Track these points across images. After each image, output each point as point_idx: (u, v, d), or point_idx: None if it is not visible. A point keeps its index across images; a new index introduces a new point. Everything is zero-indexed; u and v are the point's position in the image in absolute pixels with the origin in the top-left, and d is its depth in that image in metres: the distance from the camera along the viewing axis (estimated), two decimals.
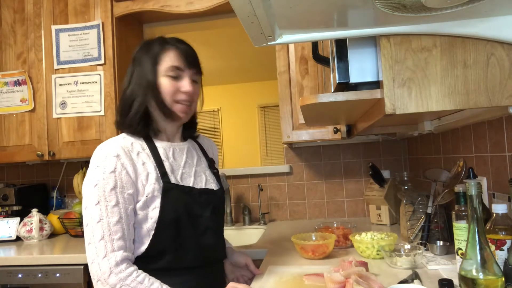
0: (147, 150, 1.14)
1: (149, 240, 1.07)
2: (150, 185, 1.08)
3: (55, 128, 2.20)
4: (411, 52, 0.87)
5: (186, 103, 1.17)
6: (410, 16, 0.80)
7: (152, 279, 1.03)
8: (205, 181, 1.23)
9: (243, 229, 2.28)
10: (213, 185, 1.24)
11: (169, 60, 1.15)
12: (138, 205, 1.08)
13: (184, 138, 1.29)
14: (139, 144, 1.14)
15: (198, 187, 1.19)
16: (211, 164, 1.31)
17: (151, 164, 1.11)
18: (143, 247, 1.08)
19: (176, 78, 1.16)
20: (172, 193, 1.10)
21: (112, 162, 1.05)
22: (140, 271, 1.03)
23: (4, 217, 2.19)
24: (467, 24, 0.83)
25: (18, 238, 2.12)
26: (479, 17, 0.82)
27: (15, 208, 2.30)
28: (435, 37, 0.87)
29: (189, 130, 1.30)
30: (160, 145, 1.18)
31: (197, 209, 1.15)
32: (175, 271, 1.10)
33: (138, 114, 1.15)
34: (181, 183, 1.15)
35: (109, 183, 1.04)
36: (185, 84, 1.16)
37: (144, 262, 1.07)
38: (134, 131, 1.16)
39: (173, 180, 1.13)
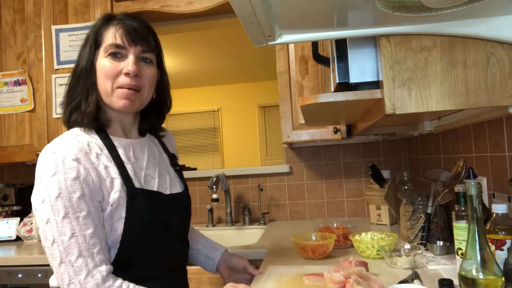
0: (106, 151, 0.98)
1: (115, 252, 0.96)
2: (116, 192, 0.95)
3: (55, 128, 2.20)
4: (411, 52, 0.87)
5: (129, 87, 0.98)
6: (410, 16, 0.80)
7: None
8: (169, 181, 1.11)
9: (243, 229, 2.27)
10: (178, 186, 1.13)
11: (110, 37, 0.99)
12: (103, 215, 0.94)
13: (142, 134, 1.13)
14: (95, 144, 0.98)
15: (164, 190, 1.07)
16: (173, 161, 1.17)
17: (114, 168, 0.97)
18: (111, 259, 0.96)
19: (118, 59, 0.99)
20: (138, 201, 0.97)
21: (73, 167, 0.90)
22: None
23: (4, 217, 2.19)
24: (467, 24, 0.83)
25: (18, 238, 2.12)
26: (479, 17, 0.82)
27: (15, 208, 2.30)
28: (435, 37, 0.87)
29: (148, 123, 1.13)
30: (119, 143, 1.03)
31: (165, 217, 1.04)
32: (142, 282, 0.97)
33: (82, 103, 1.00)
34: (145, 187, 1.01)
35: (75, 191, 0.89)
36: (127, 63, 0.98)
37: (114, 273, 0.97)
38: (82, 124, 1.00)
39: (137, 185, 0.99)
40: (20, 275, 1.76)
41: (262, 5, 0.71)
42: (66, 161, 0.90)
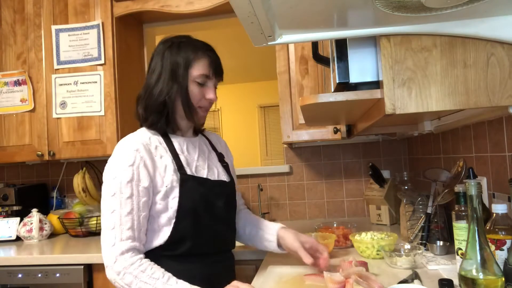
0: (164, 144, 1.21)
1: (171, 228, 1.14)
2: (169, 176, 1.15)
3: (55, 128, 2.20)
4: (411, 52, 0.87)
5: (207, 109, 1.27)
6: (410, 16, 0.80)
7: (155, 268, 1.08)
8: (217, 173, 1.29)
9: None
10: (224, 177, 1.30)
11: (201, 67, 1.20)
12: (159, 196, 1.14)
13: (195, 133, 1.35)
14: (156, 139, 1.20)
15: (212, 178, 1.25)
16: (221, 158, 1.37)
17: (168, 157, 1.18)
18: (165, 236, 1.14)
19: (202, 85, 1.22)
20: (188, 183, 1.16)
21: (131, 156, 1.12)
22: (145, 260, 1.09)
23: (4, 217, 2.19)
24: (467, 24, 0.83)
25: (18, 238, 2.12)
26: (479, 17, 0.82)
27: (15, 208, 2.30)
28: (435, 37, 0.87)
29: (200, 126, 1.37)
30: (175, 139, 1.24)
31: (212, 199, 1.21)
32: (191, 258, 1.17)
33: (163, 113, 1.20)
34: (196, 175, 1.21)
35: (127, 176, 1.10)
36: (210, 92, 1.23)
37: (166, 250, 1.15)
38: (155, 128, 1.22)
39: (188, 172, 1.19)
40: (20, 275, 1.76)
41: (262, 5, 0.71)
42: (128, 151, 1.13)
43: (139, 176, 1.12)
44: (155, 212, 1.15)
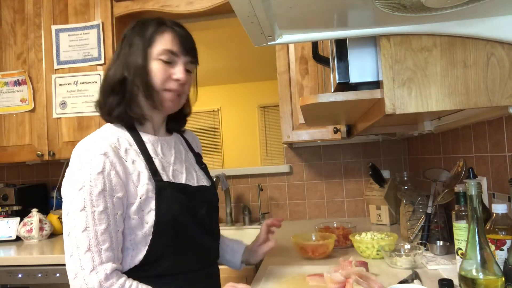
0: (135, 146, 1.03)
1: (147, 246, 0.98)
2: (143, 185, 0.98)
3: (55, 128, 2.20)
4: (411, 52, 0.87)
5: (175, 92, 1.07)
6: (410, 16, 0.80)
7: (144, 286, 0.95)
8: (196, 177, 1.14)
9: (243, 229, 2.27)
10: (204, 181, 1.17)
11: (164, 42, 1.05)
12: (132, 209, 0.97)
13: (169, 131, 1.19)
14: (125, 139, 1.03)
15: (191, 184, 1.10)
16: (198, 159, 1.23)
17: (141, 162, 1.01)
18: (140, 255, 0.98)
19: (168, 63, 1.05)
20: (166, 192, 1.00)
21: (99, 162, 0.93)
22: (130, 279, 0.94)
23: (4, 217, 2.19)
24: (467, 24, 0.83)
25: (18, 238, 2.12)
26: (479, 17, 0.82)
27: (15, 208, 2.30)
28: (435, 37, 0.87)
29: (175, 123, 1.20)
30: (147, 139, 1.08)
31: (194, 208, 1.07)
32: (174, 276, 1.02)
33: (121, 97, 1.04)
34: (173, 181, 1.05)
35: (97, 185, 0.92)
36: (178, 71, 1.06)
37: (140, 270, 0.98)
38: (117, 118, 1.05)
39: (165, 178, 1.03)
40: (20, 275, 1.76)
41: (262, 5, 0.71)
42: (94, 156, 0.94)
43: (112, 184, 0.93)
44: (127, 229, 0.97)
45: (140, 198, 0.97)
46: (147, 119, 1.10)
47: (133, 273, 0.97)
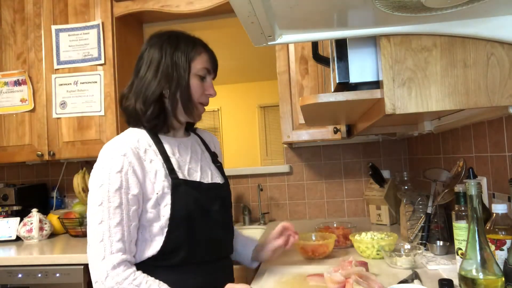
0: (154, 147, 1.12)
1: (163, 237, 1.06)
2: (160, 182, 1.07)
3: (55, 128, 2.20)
4: (411, 52, 0.87)
5: (205, 106, 1.21)
6: (410, 16, 0.80)
7: (150, 280, 1.01)
8: (211, 175, 1.22)
9: (243, 229, 2.27)
10: (218, 179, 1.24)
11: (203, 61, 1.16)
12: (149, 203, 1.06)
13: (186, 133, 1.29)
14: (145, 140, 1.12)
15: (205, 181, 1.18)
16: (214, 158, 1.31)
17: (158, 161, 1.10)
18: (157, 246, 1.06)
19: (202, 80, 1.17)
20: (181, 189, 1.09)
21: (119, 161, 1.03)
22: (138, 272, 1.02)
23: (4, 217, 2.19)
24: (467, 24, 0.83)
25: (18, 238, 2.12)
26: (479, 17, 0.82)
27: (15, 208, 2.30)
28: (435, 37, 0.87)
29: (191, 125, 1.31)
30: (166, 140, 1.17)
31: (207, 204, 1.14)
32: (187, 267, 1.10)
33: (161, 108, 1.13)
34: (188, 179, 1.14)
35: (115, 183, 1.02)
36: (210, 88, 1.19)
37: (157, 260, 1.07)
38: (152, 125, 1.14)
39: (180, 176, 1.12)
40: (20, 275, 1.76)
41: (262, 5, 0.71)
42: (115, 156, 1.04)
43: (128, 183, 1.03)
44: (146, 221, 1.07)
45: (157, 193, 1.07)
46: (173, 127, 1.20)
47: (152, 263, 1.07)
